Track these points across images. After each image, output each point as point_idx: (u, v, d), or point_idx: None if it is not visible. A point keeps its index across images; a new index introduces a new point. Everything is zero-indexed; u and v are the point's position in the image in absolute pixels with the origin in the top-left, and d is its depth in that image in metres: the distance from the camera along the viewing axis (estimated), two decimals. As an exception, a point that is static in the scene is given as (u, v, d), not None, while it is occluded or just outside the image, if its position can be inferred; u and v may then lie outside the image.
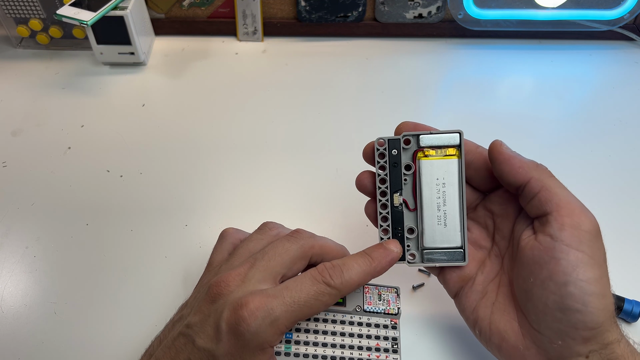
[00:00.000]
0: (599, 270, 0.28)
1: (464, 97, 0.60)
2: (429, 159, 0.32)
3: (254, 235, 0.34)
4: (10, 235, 0.46)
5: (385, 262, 0.31)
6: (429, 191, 0.33)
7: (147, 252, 0.44)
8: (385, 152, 0.33)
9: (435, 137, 0.32)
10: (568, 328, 0.28)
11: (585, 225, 0.28)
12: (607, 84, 0.62)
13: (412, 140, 0.32)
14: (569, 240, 0.28)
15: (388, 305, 0.33)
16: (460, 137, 0.32)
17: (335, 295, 0.29)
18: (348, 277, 0.30)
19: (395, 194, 0.33)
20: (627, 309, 0.39)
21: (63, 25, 0.62)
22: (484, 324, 0.32)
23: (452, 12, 0.63)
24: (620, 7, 0.62)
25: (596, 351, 0.28)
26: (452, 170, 0.32)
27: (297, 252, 0.31)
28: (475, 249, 0.35)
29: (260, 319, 0.27)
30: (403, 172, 0.33)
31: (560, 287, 0.28)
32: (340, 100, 0.59)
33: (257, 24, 0.65)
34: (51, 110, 0.58)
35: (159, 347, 0.31)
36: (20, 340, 0.39)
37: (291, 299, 0.28)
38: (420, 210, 0.33)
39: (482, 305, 0.33)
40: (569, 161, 0.52)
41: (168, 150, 0.53)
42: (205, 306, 0.29)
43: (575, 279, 0.27)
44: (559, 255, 0.28)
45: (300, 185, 0.50)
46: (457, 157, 0.32)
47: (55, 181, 0.50)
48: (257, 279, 0.30)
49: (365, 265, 0.31)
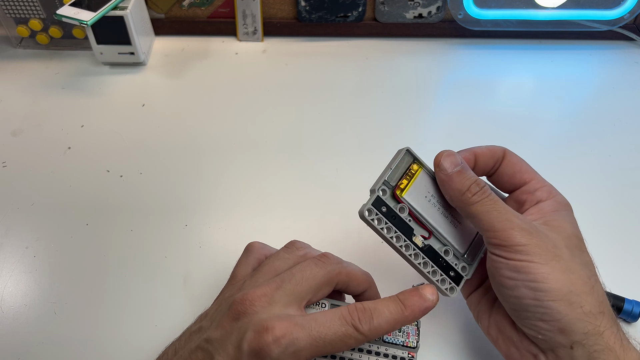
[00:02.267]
0: (543, 269, 0.28)
1: (464, 97, 0.60)
2: (408, 188, 0.33)
3: (280, 254, 0.34)
4: (10, 235, 0.46)
5: (419, 311, 0.30)
6: (429, 210, 0.33)
7: (147, 252, 0.44)
8: (378, 215, 0.33)
9: (395, 169, 0.33)
10: (539, 322, 0.29)
11: (512, 241, 0.29)
12: (607, 84, 0.62)
13: (384, 188, 0.33)
14: (503, 255, 0.30)
15: (407, 338, 0.32)
16: (409, 152, 0.33)
17: (361, 340, 0.29)
18: (377, 324, 0.29)
19: (413, 237, 0.33)
20: (627, 309, 0.39)
21: (63, 25, 0.62)
22: (484, 317, 0.34)
23: (452, 12, 0.63)
24: (620, 7, 0.62)
25: (578, 342, 0.28)
26: (427, 181, 0.33)
27: (325, 278, 0.31)
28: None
29: (283, 347, 0.27)
30: (403, 217, 0.33)
31: (513, 290, 0.29)
32: (340, 100, 0.59)
33: (257, 24, 0.65)
34: (51, 110, 0.58)
35: (174, 356, 0.31)
36: (20, 340, 0.39)
37: (317, 334, 0.28)
38: (435, 230, 0.33)
39: (485, 300, 0.34)
40: (568, 161, 0.52)
41: (168, 150, 0.53)
42: (227, 322, 0.29)
43: (522, 281, 0.29)
44: (499, 264, 0.30)
45: (300, 185, 0.50)
46: (422, 168, 0.33)
47: (55, 181, 0.50)
48: (284, 302, 0.29)
49: (397, 314, 0.30)
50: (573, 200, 0.34)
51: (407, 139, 0.55)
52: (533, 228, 0.30)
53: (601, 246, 0.33)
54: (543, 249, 0.29)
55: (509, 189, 0.34)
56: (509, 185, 0.34)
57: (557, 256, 0.29)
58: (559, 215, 0.32)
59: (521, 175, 0.33)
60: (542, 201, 0.33)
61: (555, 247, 0.29)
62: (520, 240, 0.29)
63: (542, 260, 0.29)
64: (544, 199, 0.33)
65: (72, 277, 0.43)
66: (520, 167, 0.34)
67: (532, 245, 0.29)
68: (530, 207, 0.33)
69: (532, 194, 0.33)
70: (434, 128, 0.57)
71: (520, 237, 0.29)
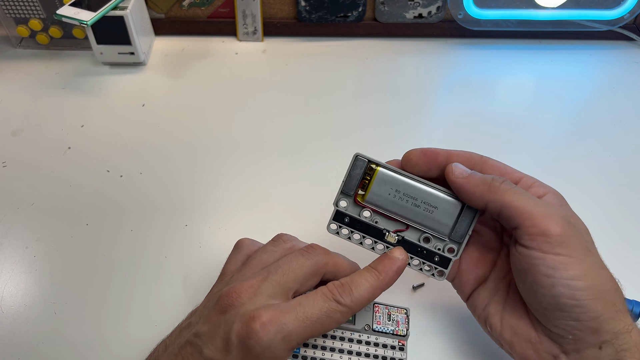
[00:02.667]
0: (580, 265, 0.28)
1: (464, 97, 0.60)
2: (368, 191, 0.33)
3: (267, 247, 0.34)
4: (10, 235, 0.46)
5: (392, 272, 0.31)
6: (397, 204, 0.33)
7: (147, 252, 0.44)
8: (342, 227, 0.33)
9: (350, 177, 0.33)
10: (573, 322, 0.28)
11: (552, 229, 0.28)
12: (607, 84, 0.62)
13: (344, 199, 0.33)
14: (541, 248, 0.29)
15: (397, 326, 0.33)
16: (358, 157, 0.33)
17: (346, 312, 0.29)
18: (358, 294, 0.30)
19: (385, 236, 0.33)
20: (627, 309, 0.39)
21: (63, 25, 0.62)
22: (495, 320, 0.33)
23: (452, 12, 0.63)
24: (620, 7, 0.62)
25: (608, 342, 0.28)
26: (388, 177, 0.33)
27: (311, 268, 0.31)
28: (487, 250, 0.35)
29: (272, 333, 0.27)
30: (369, 221, 0.33)
31: (549, 289, 0.28)
32: (340, 100, 0.59)
33: (257, 24, 0.65)
34: (51, 110, 0.58)
35: (164, 353, 0.31)
36: (20, 340, 0.39)
37: (304, 315, 0.28)
38: (410, 221, 0.33)
39: (493, 302, 0.33)
40: (568, 161, 0.52)
41: (168, 150, 0.53)
42: (215, 316, 0.29)
43: (559, 279, 0.28)
44: (536, 262, 0.29)
45: (300, 185, 0.50)
46: (379, 167, 0.33)
47: (55, 181, 0.50)
48: (269, 293, 0.29)
49: (373, 280, 0.31)
50: (573, 200, 0.33)
51: (407, 139, 0.55)
52: (567, 217, 0.29)
53: (601, 246, 0.33)
54: (579, 242, 0.28)
55: None
56: None
57: (590, 251, 0.29)
58: (568, 209, 0.32)
59: (510, 175, 0.33)
60: (541, 196, 0.32)
61: (585, 240, 0.29)
62: (561, 230, 0.28)
63: (581, 255, 0.28)
64: (542, 194, 0.32)
65: (72, 277, 0.43)
66: (505, 168, 0.33)
67: (571, 237, 0.28)
68: None
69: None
70: (433, 128, 0.57)
71: (560, 226, 0.28)
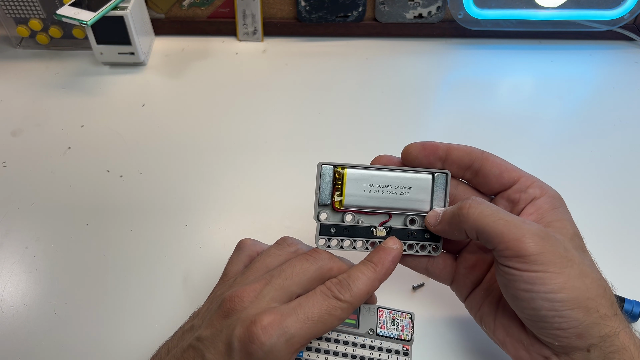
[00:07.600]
0: (558, 278, 0.28)
1: (464, 97, 0.60)
2: (344, 194, 0.33)
3: (271, 250, 0.34)
4: (10, 235, 0.46)
5: (388, 262, 0.31)
6: (375, 197, 0.33)
7: (147, 252, 0.44)
8: (331, 238, 0.33)
9: (322, 188, 0.33)
10: (557, 330, 0.28)
11: (525, 250, 0.28)
12: (607, 84, 0.62)
13: (324, 211, 0.33)
14: (517, 267, 0.28)
15: (401, 331, 0.33)
16: (322, 165, 0.33)
17: (347, 308, 0.29)
18: (356, 289, 0.30)
19: (374, 231, 0.33)
20: (627, 309, 0.39)
21: (63, 25, 0.62)
22: (489, 320, 0.33)
23: (452, 12, 0.63)
24: (620, 7, 0.62)
25: (595, 345, 0.28)
26: (358, 175, 0.33)
27: (315, 273, 0.31)
28: (483, 255, 0.35)
29: (275, 337, 0.27)
30: (354, 223, 0.33)
31: (529, 302, 0.28)
32: (340, 100, 0.59)
33: (257, 24, 0.65)
34: (51, 110, 0.58)
35: (166, 356, 0.31)
36: (20, 340, 0.39)
37: (304, 316, 0.28)
38: (391, 209, 0.34)
39: (487, 303, 0.33)
40: (568, 161, 0.52)
41: (168, 150, 0.53)
42: (217, 320, 0.29)
43: (537, 293, 0.28)
44: (514, 278, 0.29)
45: (300, 185, 0.50)
46: (346, 169, 0.33)
47: (55, 181, 0.50)
48: (272, 297, 0.29)
49: (370, 273, 0.31)
50: (573, 199, 0.34)
51: (407, 139, 0.54)
52: (542, 231, 0.29)
53: (601, 246, 0.33)
54: (556, 255, 0.28)
55: (498, 189, 0.34)
56: (497, 185, 0.34)
57: (570, 261, 0.28)
58: (558, 213, 0.32)
59: (509, 173, 0.33)
60: (536, 198, 0.32)
61: (565, 250, 0.29)
62: (534, 249, 0.28)
63: (557, 269, 0.28)
64: (538, 196, 0.32)
65: (72, 277, 0.43)
66: (506, 165, 0.33)
67: (545, 253, 0.28)
68: (526, 205, 0.32)
69: (524, 191, 0.33)
70: (434, 128, 0.57)
71: (534, 245, 0.28)
